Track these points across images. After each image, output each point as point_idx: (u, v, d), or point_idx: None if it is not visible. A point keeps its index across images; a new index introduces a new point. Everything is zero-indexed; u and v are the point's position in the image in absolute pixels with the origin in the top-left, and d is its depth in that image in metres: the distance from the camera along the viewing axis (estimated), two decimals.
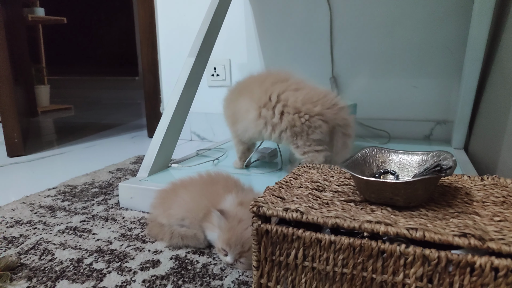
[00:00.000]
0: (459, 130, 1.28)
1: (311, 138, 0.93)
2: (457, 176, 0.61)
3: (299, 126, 0.92)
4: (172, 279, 0.66)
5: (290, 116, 0.92)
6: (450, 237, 0.39)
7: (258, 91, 0.97)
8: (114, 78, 4.18)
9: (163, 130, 1.09)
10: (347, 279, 0.45)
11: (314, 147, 0.93)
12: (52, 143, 1.87)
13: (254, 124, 0.97)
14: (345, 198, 0.53)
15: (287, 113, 0.92)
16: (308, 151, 0.94)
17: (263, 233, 0.49)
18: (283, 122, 0.93)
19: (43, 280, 0.66)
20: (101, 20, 4.33)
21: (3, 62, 1.50)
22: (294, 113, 0.92)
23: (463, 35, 1.33)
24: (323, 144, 0.94)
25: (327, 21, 1.49)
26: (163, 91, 1.85)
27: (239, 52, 1.66)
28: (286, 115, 0.92)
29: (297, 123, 0.92)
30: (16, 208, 1.00)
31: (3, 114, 1.53)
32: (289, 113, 0.92)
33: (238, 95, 1.04)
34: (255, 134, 0.99)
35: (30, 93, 2.64)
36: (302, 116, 0.91)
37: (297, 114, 0.92)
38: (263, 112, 0.95)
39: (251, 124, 0.97)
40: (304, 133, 0.92)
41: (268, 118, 0.94)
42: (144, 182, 0.99)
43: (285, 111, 0.93)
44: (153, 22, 1.78)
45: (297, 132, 0.93)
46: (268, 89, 0.96)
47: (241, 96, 1.02)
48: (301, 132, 0.92)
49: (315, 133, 0.92)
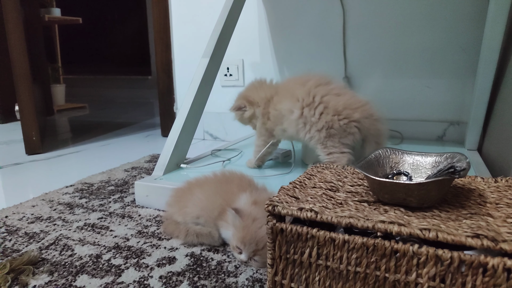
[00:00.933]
0: (473, 131, 1.27)
1: (342, 141, 0.95)
2: (471, 177, 0.62)
3: (337, 129, 0.94)
4: (188, 276, 0.67)
5: (329, 116, 0.94)
6: (463, 237, 0.40)
7: (301, 92, 0.99)
8: (127, 77, 4.23)
9: (178, 129, 1.11)
10: (360, 278, 0.46)
11: (341, 149, 0.95)
12: (68, 141, 1.92)
13: (295, 123, 0.99)
14: (359, 198, 0.54)
15: (326, 114, 0.94)
16: (334, 152, 0.96)
17: (278, 231, 0.50)
18: (320, 121, 0.95)
19: (64, 274, 0.68)
20: (115, 20, 4.38)
21: (22, 62, 1.54)
22: (334, 115, 0.94)
23: (477, 36, 1.32)
24: (349, 148, 0.96)
25: (340, 22, 1.50)
26: (177, 90, 1.88)
27: (252, 52, 1.67)
28: (324, 115, 0.95)
29: (335, 125, 0.94)
30: (36, 204, 1.03)
31: (22, 113, 1.57)
32: (329, 114, 0.94)
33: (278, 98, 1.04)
34: (294, 133, 1.01)
35: (46, 92, 2.70)
36: (341, 119, 0.94)
37: (337, 116, 0.94)
38: (305, 111, 0.97)
39: (293, 123, 0.99)
40: (337, 136, 0.95)
41: (309, 117, 0.96)
42: (160, 181, 1.01)
43: (324, 112, 0.95)
44: (168, 23, 1.80)
45: (332, 134, 0.95)
46: (312, 91, 0.98)
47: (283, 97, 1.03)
48: (336, 134, 0.95)
49: (347, 138, 0.95)
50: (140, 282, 0.66)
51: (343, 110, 0.94)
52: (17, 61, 1.53)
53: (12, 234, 0.85)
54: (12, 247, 0.79)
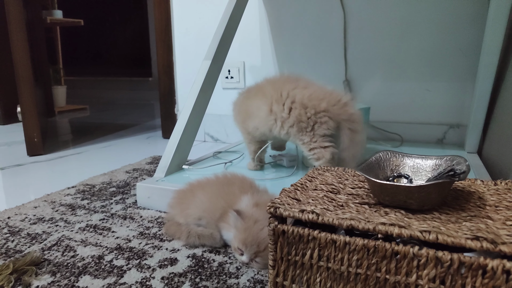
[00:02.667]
0: (472, 134, 1.28)
1: (318, 134, 0.95)
2: (471, 180, 0.62)
3: (305, 121, 0.95)
4: (190, 277, 0.68)
5: (297, 111, 0.95)
6: (463, 240, 0.41)
7: (269, 90, 1.02)
8: (128, 79, 4.24)
9: (179, 131, 1.11)
10: (361, 279, 0.47)
11: (320, 143, 0.95)
12: (69, 142, 1.92)
13: (265, 120, 1.00)
14: (360, 200, 0.54)
15: (295, 108, 0.96)
16: (314, 147, 0.96)
17: (279, 233, 0.51)
18: (291, 117, 0.96)
19: (67, 275, 0.69)
20: (116, 22, 4.40)
21: (25, 63, 1.54)
22: (301, 108, 0.95)
23: (477, 39, 1.33)
24: (330, 141, 0.96)
25: (341, 25, 1.50)
26: (178, 92, 1.88)
27: (253, 55, 1.68)
28: (293, 110, 0.96)
29: (303, 118, 0.95)
30: (38, 206, 1.03)
31: (24, 114, 1.58)
32: (296, 108, 0.95)
33: (250, 96, 1.08)
34: (266, 131, 1.03)
35: (48, 93, 2.71)
36: (308, 111, 0.94)
37: (304, 109, 0.95)
38: (274, 107, 0.98)
39: (262, 121, 1.01)
40: (309, 128, 0.95)
41: (278, 113, 0.98)
42: (161, 182, 1.02)
43: (293, 106, 0.96)
44: (169, 25, 1.81)
45: (303, 127, 0.95)
46: (279, 87, 1.00)
47: (253, 96, 1.06)
48: (307, 127, 0.95)
49: (321, 128, 0.95)
50: (142, 283, 0.66)
51: (309, 102, 0.95)
52: (19, 62, 1.53)
53: (14, 235, 0.86)
54: (14, 248, 0.79)
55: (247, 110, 1.07)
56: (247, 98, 1.10)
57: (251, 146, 1.13)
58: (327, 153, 0.95)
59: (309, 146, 0.96)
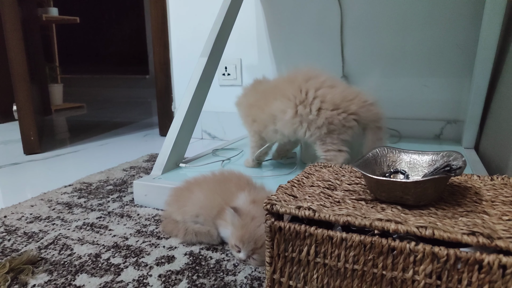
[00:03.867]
0: (469, 130, 1.28)
1: (340, 138, 0.92)
2: (467, 175, 0.62)
3: (336, 124, 0.91)
4: (187, 274, 0.68)
5: (328, 112, 0.90)
6: (459, 235, 0.41)
7: (290, 89, 0.95)
8: (125, 76, 4.22)
9: (176, 129, 1.11)
10: (358, 275, 0.47)
11: (339, 146, 0.92)
12: (66, 141, 1.91)
13: (290, 123, 0.95)
14: (356, 196, 0.54)
15: (325, 110, 0.91)
16: (331, 149, 0.93)
17: (276, 230, 0.51)
18: (320, 118, 0.91)
19: (63, 273, 0.69)
20: (113, 20, 4.38)
21: (20, 61, 1.54)
22: (333, 109, 0.90)
23: (474, 35, 1.33)
24: (347, 146, 0.93)
25: (337, 21, 1.50)
26: (175, 90, 1.88)
27: (250, 52, 1.68)
28: (324, 112, 0.91)
29: (335, 121, 0.91)
30: (34, 204, 1.03)
31: (20, 112, 1.57)
32: (327, 109, 0.91)
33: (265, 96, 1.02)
34: (291, 133, 0.97)
35: (44, 91, 2.70)
36: (340, 113, 0.90)
37: (336, 110, 0.91)
38: (300, 109, 0.93)
39: (287, 124, 0.95)
40: (336, 132, 0.92)
41: (304, 115, 0.92)
42: (158, 180, 1.02)
43: (322, 107, 0.91)
44: (165, 22, 1.80)
45: (332, 130, 0.92)
46: (303, 86, 0.94)
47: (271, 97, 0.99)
48: (335, 130, 0.91)
49: (346, 133, 0.92)
50: (139, 281, 0.66)
51: (340, 103, 0.91)
52: (15, 60, 1.52)
53: (11, 234, 0.85)
54: (11, 247, 0.79)
55: (263, 112, 1.00)
56: (260, 99, 1.03)
57: (256, 149, 1.09)
58: (341, 158, 0.92)
59: (327, 147, 0.93)
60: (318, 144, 0.95)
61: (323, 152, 0.94)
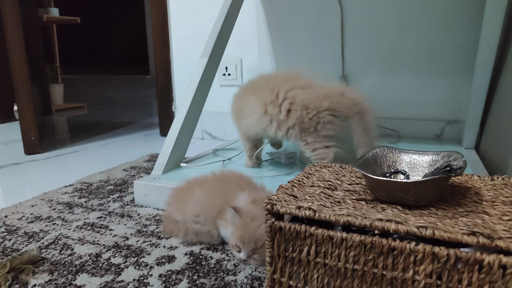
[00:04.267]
0: (470, 130, 1.28)
1: (321, 134, 0.94)
2: (467, 176, 0.62)
3: (307, 122, 0.93)
4: (188, 274, 0.68)
5: (298, 112, 0.93)
6: (459, 235, 0.41)
7: (265, 89, 0.99)
8: (125, 76, 4.22)
9: (177, 129, 1.11)
10: (358, 275, 0.47)
11: (324, 143, 0.94)
12: (66, 141, 1.92)
13: (259, 120, 0.98)
14: (357, 196, 0.54)
15: (295, 110, 0.93)
16: (318, 148, 0.94)
17: (276, 230, 0.51)
18: (290, 119, 0.94)
19: (64, 273, 0.69)
20: (113, 20, 4.38)
21: (21, 62, 1.54)
22: (302, 110, 0.93)
23: (474, 35, 1.33)
24: (334, 141, 0.94)
25: (338, 21, 1.50)
26: (175, 90, 1.88)
27: (250, 52, 1.68)
28: (293, 112, 0.93)
29: (305, 119, 0.93)
30: (35, 204, 1.03)
31: (21, 113, 1.57)
32: (297, 110, 0.93)
33: (246, 93, 1.06)
34: (260, 131, 1.01)
35: (45, 91, 2.70)
36: (310, 112, 0.93)
37: (305, 110, 0.93)
38: (269, 109, 0.96)
39: (256, 121, 0.99)
40: (312, 128, 0.93)
41: (274, 115, 0.95)
42: (159, 180, 1.02)
43: (292, 108, 0.94)
44: (166, 22, 1.81)
45: (305, 128, 0.94)
46: (275, 87, 0.97)
47: (249, 94, 1.04)
48: (309, 128, 0.93)
49: (325, 129, 0.93)
50: (139, 280, 0.66)
51: (310, 103, 0.93)
52: (15, 61, 1.53)
53: (11, 233, 0.85)
54: (12, 247, 0.79)
55: (241, 108, 1.06)
56: (242, 96, 1.08)
57: (246, 144, 1.12)
58: (331, 153, 0.93)
59: (312, 146, 0.95)
60: (303, 145, 0.97)
61: (311, 152, 0.96)
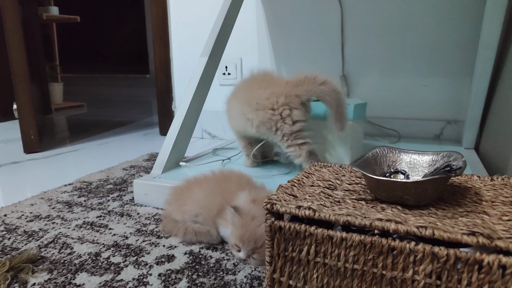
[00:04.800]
0: (470, 130, 1.28)
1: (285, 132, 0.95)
2: (467, 176, 0.62)
3: (268, 122, 0.96)
4: (187, 274, 0.68)
5: (260, 112, 0.97)
6: (459, 235, 0.41)
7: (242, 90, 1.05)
8: (125, 76, 4.22)
9: (176, 128, 1.11)
10: (358, 275, 0.47)
11: (295, 140, 0.95)
12: (66, 140, 1.91)
13: (239, 119, 1.03)
14: (356, 196, 0.54)
15: (258, 110, 0.97)
16: (290, 145, 0.96)
17: (276, 229, 0.51)
18: (257, 117, 0.97)
19: (63, 272, 0.69)
20: (113, 19, 4.38)
21: (20, 60, 1.53)
22: (263, 109, 0.96)
23: (474, 35, 1.33)
24: (306, 137, 0.96)
25: (338, 20, 1.50)
26: (175, 89, 1.88)
27: (250, 51, 1.67)
28: (259, 112, 0.97)
29: (265, 119, 0.96)
30: (34, 203, 1.03)
31: (20, 111, 1.57)
32: (259, 109, 0.97)
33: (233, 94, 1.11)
34: (241, 130, 1.06)
35: (44, 90, 2.69)
36: (267, 111, 0.96)
37: (263, 110, 0.96)
38: (243, 108, 1.00)
39: (237, 120, 1.04)
40: (274, 127, 0.96)
41: (247, 114, 1.00)
42: (158, 179, 1.02)
43: (257, 108, 0.98)
44: (166, 21, 1.80)
45: (269, 128, 0.97)
46: (249, 88, 1.03)
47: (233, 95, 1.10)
48: (271, 127, 0.96)
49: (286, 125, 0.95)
50: (139, 279, 0.66)
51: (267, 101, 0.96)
52: (15, 59, 1.52)
53: (11, 232, 0.85)
54: (11, 246, 0.79)
55: (228, 108, 1.11)
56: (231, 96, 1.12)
57: (240, 142, 1.15)
58: (303, 151, 0.95)
59: (284, 144, 0.97)
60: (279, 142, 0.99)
61: (285, 149, 0.98)
